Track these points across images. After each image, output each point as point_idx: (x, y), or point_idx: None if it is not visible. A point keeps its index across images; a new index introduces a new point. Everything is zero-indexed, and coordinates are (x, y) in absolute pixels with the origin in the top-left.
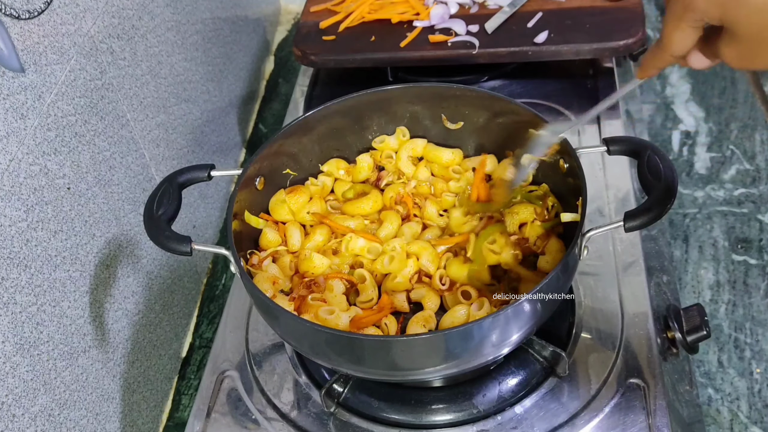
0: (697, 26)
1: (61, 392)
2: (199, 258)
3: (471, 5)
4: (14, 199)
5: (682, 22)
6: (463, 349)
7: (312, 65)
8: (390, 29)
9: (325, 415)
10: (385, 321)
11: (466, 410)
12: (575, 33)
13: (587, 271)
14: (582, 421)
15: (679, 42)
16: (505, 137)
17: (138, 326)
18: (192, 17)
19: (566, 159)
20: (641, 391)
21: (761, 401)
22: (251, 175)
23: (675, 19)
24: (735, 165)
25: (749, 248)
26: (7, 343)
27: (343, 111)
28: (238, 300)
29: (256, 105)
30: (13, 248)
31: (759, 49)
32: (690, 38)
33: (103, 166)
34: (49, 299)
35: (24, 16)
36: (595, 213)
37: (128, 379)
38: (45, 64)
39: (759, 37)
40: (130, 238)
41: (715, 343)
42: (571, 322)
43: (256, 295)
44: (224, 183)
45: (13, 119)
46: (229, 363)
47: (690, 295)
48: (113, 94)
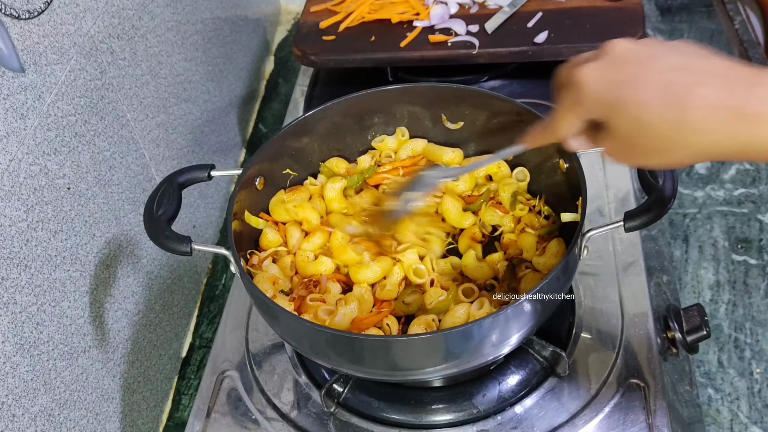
0: (583, 118)
1: (61, 392)
2: (199, 258)
3: (471, 5)
4: (14, 199)
5: (570, 113)
6: (463, 349)
7: (312, 65)
8: (390, 29)
9: (325, 415)
10: (387, 322)
11: (466, 410)
12: (575, 33)
13: (587, 271)
14: (582, 421)
15: (565, 128)
16: (505, 137)
17: (138, 326)
18: (192, 17)
19: (566, 159)
20: (641, 391)
21: (761, 401)
22: (251, 175)
23: (564, 110)
24: (735, 165)
25: (749, 248)
26: (7, 343)
27: (343, 111)
28: (238, 300)
29: (256, 105)
30: (13, 248)
31: (632, 150)
32: (575, 127)
33: (103, 166)
34: (49, 299)
35: (24, 16)
36: (595, 213)
37: (128, 379)
38: (45, 64)
39: (633, 141)
40: (130, 238)
41: (715, 343)
42: (571, 322)
43: (256, 295)
44: (224, 183)
45: (13, 119)
46: (229, 363)
47: (690, 295)
48: (113, 94)
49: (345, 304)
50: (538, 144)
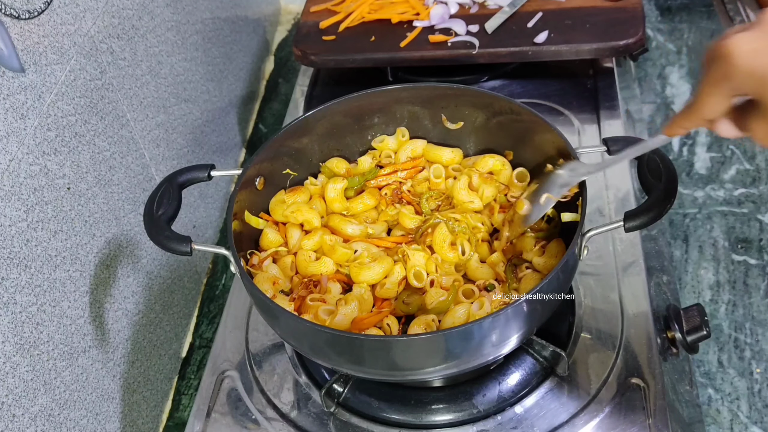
0: (732, 95)
1: (61, 392)
2: (199, 258)
3: (471, 5)
4: (14, 199)
5: (716, 90)
6: (463, 349)
7: (312, 65)
8: (390, 29)
9: (325, 415)
10: (387, 322)
11: (466, 410)
12: (575, 33)
13: (587, 271)
14: (582, 421)
15: (711, 107)
16: (505, 137)
17: (138, 326)
18: (192, 17)
19: (566, 159)
20: (641, 391)
21: (761, 401)
22: (251, 175)
23: (711, 84)
24: (735, 165)
25: (749, 248)
26: (7, 343)
27: (343, 111)
28: (238, 300)
29: (256, 105)
30: (13, 248)
31: None
32: (722, 105)
33: (103, 166)
34: (49, 299)
35: (24, 16)
36: (595, 213)
37: (128, 379)
38: (45, 64)
39: None
40: (130, 238)
41: (715, 343)
42: (571, 322)
43: (256, 295)
44: (224, 183)
45: (13, 119)
46: (229, 363)
47: (690, 295)
48: (113, 94)
49: (345, 304)
50: (682, 131)
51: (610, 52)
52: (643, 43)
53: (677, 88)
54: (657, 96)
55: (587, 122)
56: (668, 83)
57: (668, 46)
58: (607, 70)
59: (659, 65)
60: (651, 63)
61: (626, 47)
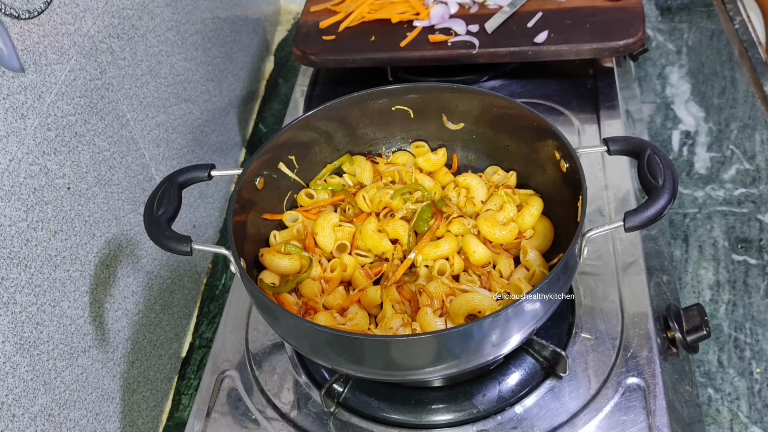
0: None
1: (61, 392)
2: (199, 258)
3: (471, 5)
4: (14, 199)
5: None
6: (463, 349)
7: (312, 65)
8: (390, 29)
9: (325, 415)
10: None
11: (466, 410)
12: (575, 33)
13: (587, 271)
14: (582, 421)
15: None
16: (505, 137)
17: (138, 326)
18: (192, 17)
19: (566, 159)
20: (641, 391)
21: (761, 401)
22: (251, 175)
23: None
24: (735, 165)
25: (749, 248)
26: (7, 343)
27: (344, 111)
28: (238, 300)
29: (256, 105)
30: (13, 248)
31: None
32: None
33: (103, 166)
34: (49, 299)
35: (24, 16)
36: (595, 213)
37: (128, 379)
38: (45, 64)
39: None
40: (130, 238)
41: (715, 343)
42: (571, 322)
43: (256, 295)
44: (224, 183)
45: (13, 119)
46: (229, 363)
47: (690, 295)
48: (113, 94)
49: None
50: None
51: (610, 52)
52: (643, 43)
53: (677, 88)
54: (657, 96)
55: (587, 122)
56: (668, 83)
57: (668, 46)
58: (607, 70)
59: (659, 65)
60: (651, 63)
61: (626, 47)
